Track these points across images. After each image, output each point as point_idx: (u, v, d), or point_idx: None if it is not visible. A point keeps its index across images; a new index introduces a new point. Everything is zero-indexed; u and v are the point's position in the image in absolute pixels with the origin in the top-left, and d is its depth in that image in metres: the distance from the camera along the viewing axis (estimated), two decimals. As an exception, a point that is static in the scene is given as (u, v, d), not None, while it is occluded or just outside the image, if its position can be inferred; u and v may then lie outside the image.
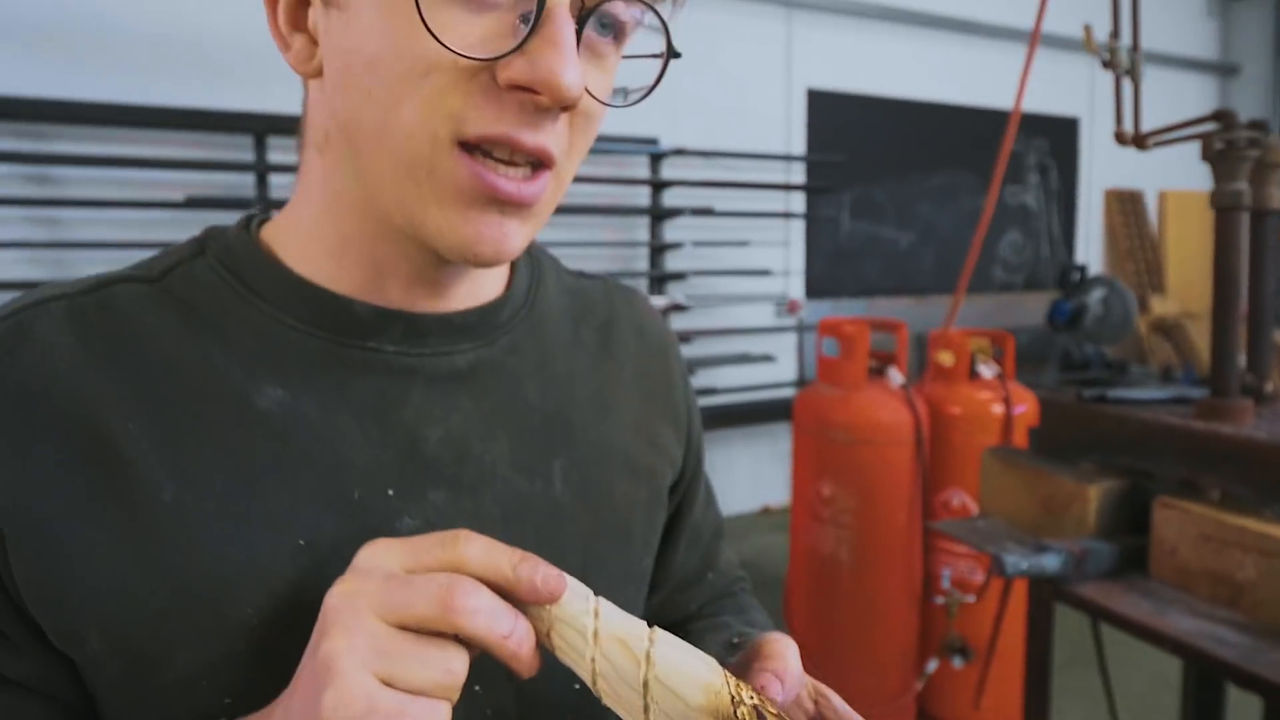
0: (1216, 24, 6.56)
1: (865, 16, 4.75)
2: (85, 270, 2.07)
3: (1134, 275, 5.99)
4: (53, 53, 3.01)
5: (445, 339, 0.55)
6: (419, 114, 0.44)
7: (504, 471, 0.56)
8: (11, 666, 0.47)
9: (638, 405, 0.67)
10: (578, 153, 0.50)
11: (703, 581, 0.78)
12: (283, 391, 0.50)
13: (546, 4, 0.42)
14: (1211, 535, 1.41)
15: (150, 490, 0.46)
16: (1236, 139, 1.67)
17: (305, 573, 0.48)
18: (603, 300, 0.70)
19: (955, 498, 3.05)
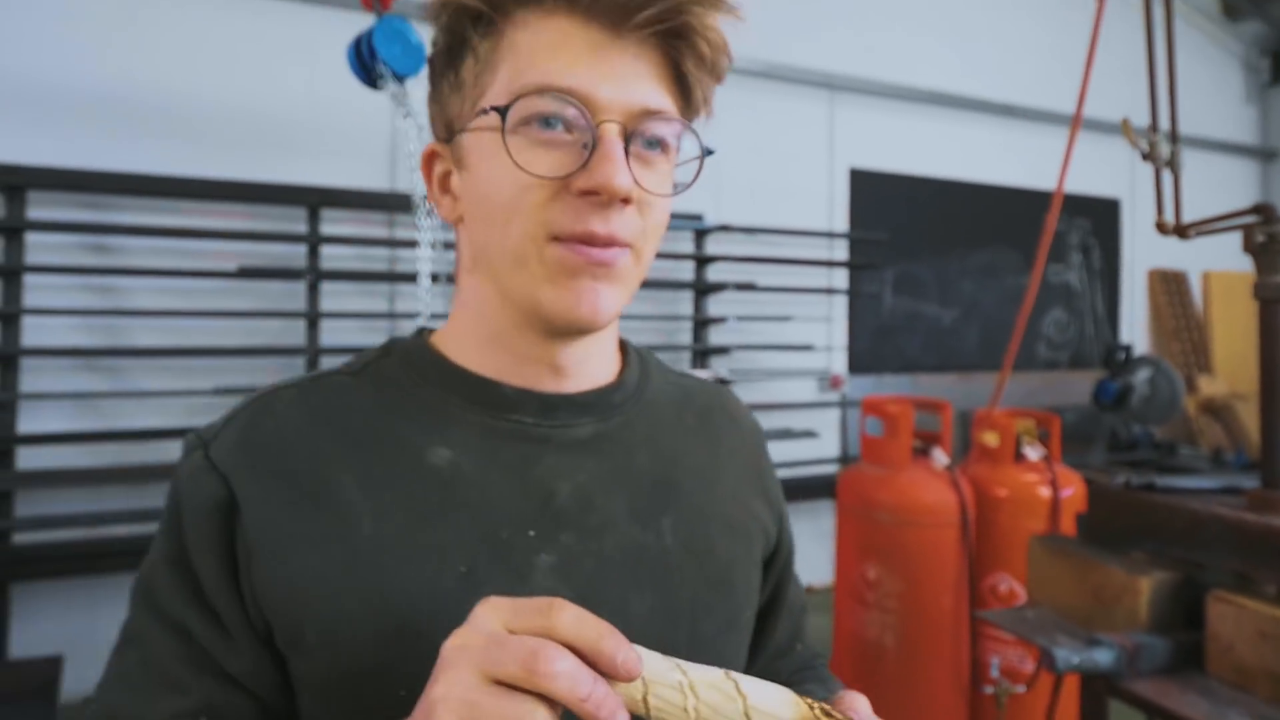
0: (1255, 110, 6.60)
1: (906, 99, 4.87)
2: (138, 337, 2.21)
3: (1180, 355, 5.92)
4: (112, 126, 3.12)
5: (570, 414, 0.69)
6: (523, 224, 0.61)
7: (622, 522, 0.68)
8: (232, 663, 0.60)
9: (733, 480, 0.78)
10: (649, 235, 0.65)
11: (792, 652, 0.88)
12: (449, 452, 0.65)
13: (599, 133, 0.59)
14: (1269, 633, 1.39)
15: (354, 524, 0.61)
16: (1277, 232, 1.69)
17: (464, 592, 0.59)
18: (700, 393, 0.83)
19: (1003, 583, 3.00)
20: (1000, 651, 2.87)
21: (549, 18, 0.61)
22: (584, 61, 0.60)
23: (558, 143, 0.60)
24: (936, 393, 4.86)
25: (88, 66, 3.06)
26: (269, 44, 3.34)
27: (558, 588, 0.64)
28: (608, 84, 0.60)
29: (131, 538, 2.96)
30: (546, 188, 0.60)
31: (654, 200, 0.64)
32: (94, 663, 3.08)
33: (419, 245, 2.43)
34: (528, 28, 0.61)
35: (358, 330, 3.48)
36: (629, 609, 0.66)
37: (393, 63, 2.26)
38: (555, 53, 0.60)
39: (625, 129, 0.60)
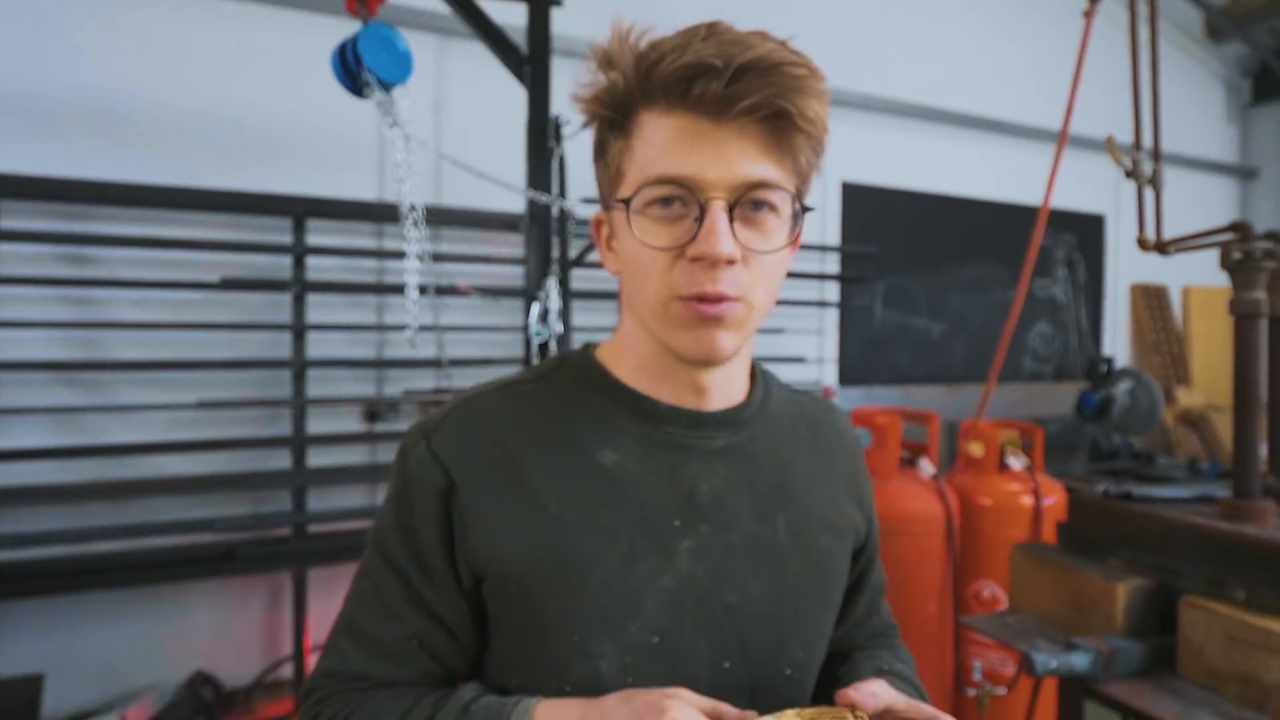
0: (1236, 129, 6.70)
1: (898, 114, 4.92)
2: (118, 350, 2.62)
3: (1160, 368, 6.00)
4: (89, 133, 3.03)
5: (711, 428, 0.86)
6: (655, 285, 0.77)
7: (746, 518, 0.85)
8: (439, 606, 0.82)
9: (835, 486, 0.95)
10: (758, 283, 0.77)
11: (869, 623, 1.06)
12: (614, 454, 0.83)
13: (706, 208, 0.74)
14: (1238, 637, 1.42)
15: (543, 504, 0.80)
16: (1253, 250, 1.74)
17: (626, 565, 0.79)
18: (812, 409, 1.00)
19: (986, 589, 3.05)
20: (983, 655, 2.92)
21: (665, 115, 0.75)
22: (693, 149, 0.73)
23: (675, 218, 0.75)
24: (926, 404, 4.91)
25: (64, 72, 3.00)
26: (252, 50, 3.29)
27: (695, 567, 0.82)
28: (713, 165, 0.73)
29: (114, 554, 2.90)
30: (669, 255, 0.76)
31: (761, 256, 0.77)
32: (76, 680, 3.03)
33: (407, 257, 2.34)
34: (649, 125, 0.76)
35: (345, 343, 3.43)
36: (748, 587, 0.84)
37: (379, 71, 2.17)
38: (669, 146, 0.74)
39: (729, 201, 0.74)
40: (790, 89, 0.72)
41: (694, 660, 0.81)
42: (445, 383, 3.51)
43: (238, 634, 3.30)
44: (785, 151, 0.76)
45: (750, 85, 0.71)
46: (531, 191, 2.48)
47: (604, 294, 3.82)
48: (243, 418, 3.24)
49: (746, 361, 0.92)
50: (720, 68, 0.71)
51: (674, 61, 0.72)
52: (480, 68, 2.99)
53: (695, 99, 0.72)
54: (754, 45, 0.72)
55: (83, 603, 2.98)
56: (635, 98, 0.76)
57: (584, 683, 0.78)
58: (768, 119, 0.73)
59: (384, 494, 0.88)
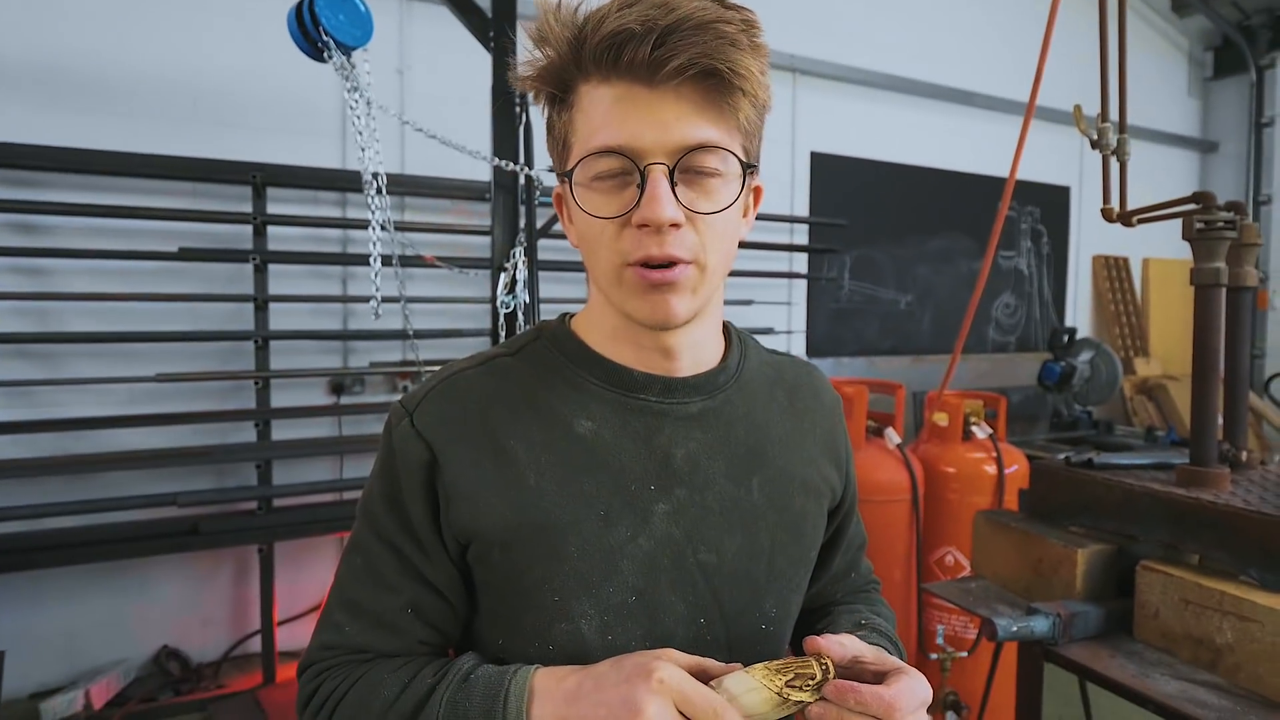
0: (1198, 103, 6.79)
1: (867, 85, 4.92)
2: (72, 322, 2.58)
3: (1119, 338, 6.11)
4: (42, 97, 2.93)
5: (684, 394, 0.88)
6: (605, 253, 0.79)
7: (721, 481, 0.87)
8: (431, 574, 0.84)
9: (811, 447, 0.97)
10: (711, 245, 0.78)
11: (847, 578, 1.09)
12: (590, 423, 0.84)
13: (646, 174, 0.74)
14: (1192, 599, 1.46)
15: (522, 475, 0.82)
16: (1214, 220, 1.75)
17: (602, 529, 0.82)
18: (790, 369, 1.01)
19: (949, 555, 3.10)
20: (945, 620, 2.98)
21: (600, 85, 0.76)
22: (630, 117, 0.74)
23: (619, 187, 0.76)
24: (892, 375, 4.96)
25: (12, 33, 2.88)
26: (208, 9, 3.18)
27: (671, 528, 0.84)
28: (651, 131, 0.74)
29: (75, 529, 2.85)
30: (616, 224, 0.77)
31: (709, 217, 0.77)
32: (38, 657, 3.00)
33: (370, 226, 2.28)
34: (587, 96, 0.77)
35: (309, 314, 3.38)
36: (723, 547, 0.86)
37: (337, 32, 2.08)
38: (606, 116, 0.75)
39: (670, 165, 0.75)
40: (720, 46, 0.72)
41: (670, 617, 0.84)
42: (412, 355, 3.47)
43: (204, 608, 3.27)
44: (723, 110, 0.76)
45: (677, 46, 0.71)
46: (497, 160, 2.44)
47: (572, 264, 3.80)
48: (205, 391, 3.18)
49: (716, 324, 0.92)
50: (642, 32, 0.71)
51: (599, 30, 0.73)
52: (445, 31, 2.92)
53: (626, 66, 0.73)
54: (679, 5, 0.72)
55: (43, 579, 2.94)
56: (572, 71, 0.77)
57: (566, 642, 0.81)
58: (701, 78, 0.73)
59: (351, 467, 0.90)
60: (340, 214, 3.43)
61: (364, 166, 2.25)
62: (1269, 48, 6.35)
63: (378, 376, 3.53)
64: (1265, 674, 1.35)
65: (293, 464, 3.31)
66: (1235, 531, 1.47)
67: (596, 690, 0.72)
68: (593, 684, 0.72)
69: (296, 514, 3.16)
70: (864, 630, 0.95)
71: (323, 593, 3.46)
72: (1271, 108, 6.41)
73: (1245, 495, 1.58)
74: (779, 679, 0.71)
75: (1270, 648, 1.34)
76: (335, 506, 3.24)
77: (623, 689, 0.70)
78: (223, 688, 3.11)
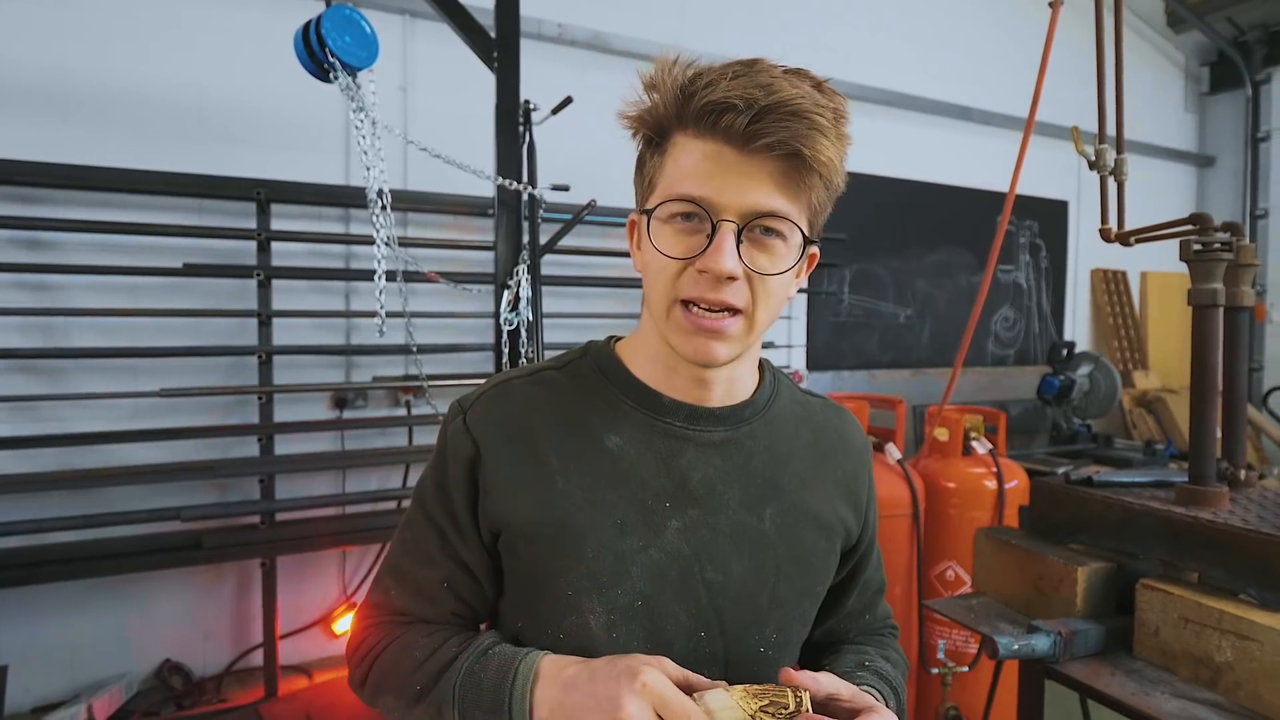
0: (1194, 118, 6.84)
1: (866, 100, 4.95)
2: (78, 338, 2.61)
3: (1118, 352, 6.13)
4: (48, 115, 2.95)
5: (708, 423, 0.95)
6: (662, 288, 0.87)
7: (734, 507, 0.94)
8: (466, 555, 0.94)
9: (830, 485, 1.03)
10: (761, 300, 0.86)
11: (861, 620, 1.14)
12: (619, 439, 0.93)
13: (717, 228, 0.82)
14: (1191, 618, 1.47)
15: (553, 479, 0.90)
16: (1211, 241, 1.76)
17: (617, 536, 0.89)
18: (820, 412, 1.08)
19: (950, 570, 3.11)
20: (947, 635, 2.98)
21: (696, 140, 0.84)
22: (715, 174, 0.82)
23: (690, 232, 0.84)
24: (891, 388, 4.97)
25: (18, 51, 2.91)
26: (214, 29, 3.21)
27: (681, 544, 0.91)
28: (731, 191, 0.82)
29: (78, 544, 2.85)
30: (679, 264, 0.85)
31: (768, 280, 0.85)
32: (42, 671, 3.00)
33: (375, 243, 2.30)
34: (682, 146, 0.85)
35: (312, 329, 3.39)
36: (729, 568, 0.92)
37: (343, 54, 2.12)
38: (695, 168, 0.83)
39: (739, 224, 0.83)
40: (808, 133, 0.80)
41: (672, 626, 0.90)
42: (414, 370, 3.49)
43: (207, 622, 3.27)
44: (799, 188, 0.84)
45: (770, 125, 0.79)
46: (501, 179, 2.46)
47: (575, 280, 3.81)
48: (208, 405, 3.20)
49: (752, 362, 1.00)
50: (743, 107, 0.79)
51: (706, 96, 0.81)
52: (447, 49, 2.95)
53: (723, 130, 0.81)
54: (780, 89, 0.80)
55: (46, 593, 2.94)
56: (673, 121, 0.86)
57: (575, 633, 0.89)
58: (784, 157, 0.81)
59: (353, 481, 0.98)
60: (343, 229, 3.45)
61: (369, 185, 2.26)
62: (1264, 63, 6.39)
63: (380, 391, 3.54)
64: (1265, 692, 1.35)
65: (295, 478, 3.32)
66: (1234, 550, 1.48)
67: (590, 683, 0.79)
68: (588, 676, 0.79)
69: (299, 528, 3.17)
70: (865, 672, 1.00)
71: (324, 607, 3.47)
72: (1267, 122, 6.45)
73: (1244, 514, 1.59)
74: (755, 703, 0.76)
75: (1270, 666, 1.34)
76: (338, 520, 3.25)
77: (611, 686, 0.77)
78: (225, 702, 3.10)
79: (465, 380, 3.46)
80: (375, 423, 3.45)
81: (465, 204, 3.52)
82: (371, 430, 3.48)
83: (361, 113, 2.23)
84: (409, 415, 3.54)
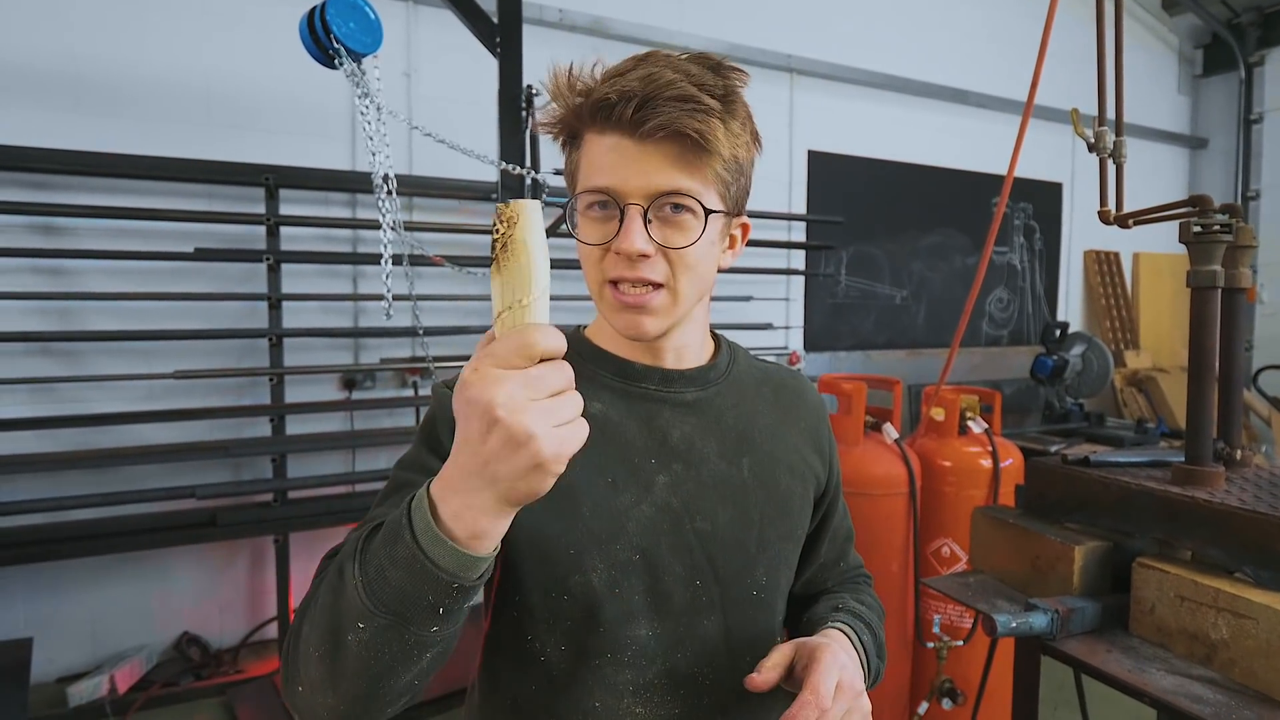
0: (1188, 100, 6.88)
1: (863, 84, 4.98)
2: (93, 321, 2.67)
3: (1110, 332, 6.19)
4: (61, 103, 2.97)
5: (680, 385, 1.01)
6: (592, 272, 0.93)
7: (714, 460, 0.99)
8: None
9: (796, 436, 1.10)
10: (684, 277, 0.91)
11: (836, 567, 1.19)
12: (600, 405, 0.97)
13: (625, 212, 0.88)
14: (1187, 596, 1.50)
15: None
16: (1211, 224, 1.76)
17: (611, 494, 0.93)
18: (776, 374, 1.15)
19: (945, 546, 3.18)
20: (942, 610, 3.06)
21: (600, 135, 0.90)
22: (619, 164, 0.88)
23: (605, 219, 0.90)
24: (887, 368, 5.03)
25: (30, 39, 2.92)
26: (221, 16, 3.22)
27: (669, 498, 0.95)
28: (634, 177, 0.88)
29: (98, 521, 2.91)
30: (600, 250, 0.91)
31: (680, 251, 0.90)
32: (65, 644, 3.07)
33: (381, 228, 2.33)
34: (591, 142, 0.91)
35: (321, 312, 3.43)
36: (717, 516, 0.97)
37: (348, 40, 2.14)
38: (600, 162, 0.90)
39: (644, 206, 0.88)
40: (691, 115, 0.85)
41: (670, 576, 0.94)
42: (421, 351, 3.53)
43: (223, 596, 3.34)
44: (696, 164, 0.89)
45: (653, 112, 0.85)
46: (504, 164, 2.49)
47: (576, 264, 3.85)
48: (221, 387, 3.24)
49: (698, 330, 1.04)
50: (625, 100, 0.85)
51: (595, 94, 0.88)
52: (451, 35, 2.96)
53: (615, 122, 0.87)
54: (660, 77, 0.86)
55: (68, 569, 3.00)
56: (580, 122, 0.92)
57: (579, 592, 0.91)
58: (674, 137, 0.87)
59: (362, 460, 0.96)
60: (350, 214, 3.48)
61: (375, 171, 2.28)
62: (1258, 45, 6.42)
63: (388, 372, 3.58)
64: (1259, 669, 1.37)
65: (306, 457, 3.37)
66: (1229, 530, 1.50)
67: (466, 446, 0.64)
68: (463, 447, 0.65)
69: (310, 506, 3.23)
70: (839, 613, 1.05)
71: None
72: (1260, 104, 6.49)
73: (1240, 494, 1.61)
74: None
75: (1264, 644, 1.36)
76: (348, 498, 3.31)
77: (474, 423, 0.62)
78: (241, 672, 3.18)
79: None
80: (383, 403, 3.50)
81: (469, 189, 3.55)
82: (380, 410, 3.53)
83: (366, 99, 2.25)
84: (416, 396, 3.58)
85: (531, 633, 0.93)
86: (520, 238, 0.62)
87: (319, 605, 0.72)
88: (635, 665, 0.93)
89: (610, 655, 0.92)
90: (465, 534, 0.65)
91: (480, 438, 0.61)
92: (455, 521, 0.65)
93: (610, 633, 0.92)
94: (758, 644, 0.99)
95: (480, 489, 0.63)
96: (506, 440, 0.60)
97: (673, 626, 0.95)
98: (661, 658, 0.94)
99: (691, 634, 0.95)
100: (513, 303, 0.62)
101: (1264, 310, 6.42)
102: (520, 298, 0.62)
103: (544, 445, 0.61)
